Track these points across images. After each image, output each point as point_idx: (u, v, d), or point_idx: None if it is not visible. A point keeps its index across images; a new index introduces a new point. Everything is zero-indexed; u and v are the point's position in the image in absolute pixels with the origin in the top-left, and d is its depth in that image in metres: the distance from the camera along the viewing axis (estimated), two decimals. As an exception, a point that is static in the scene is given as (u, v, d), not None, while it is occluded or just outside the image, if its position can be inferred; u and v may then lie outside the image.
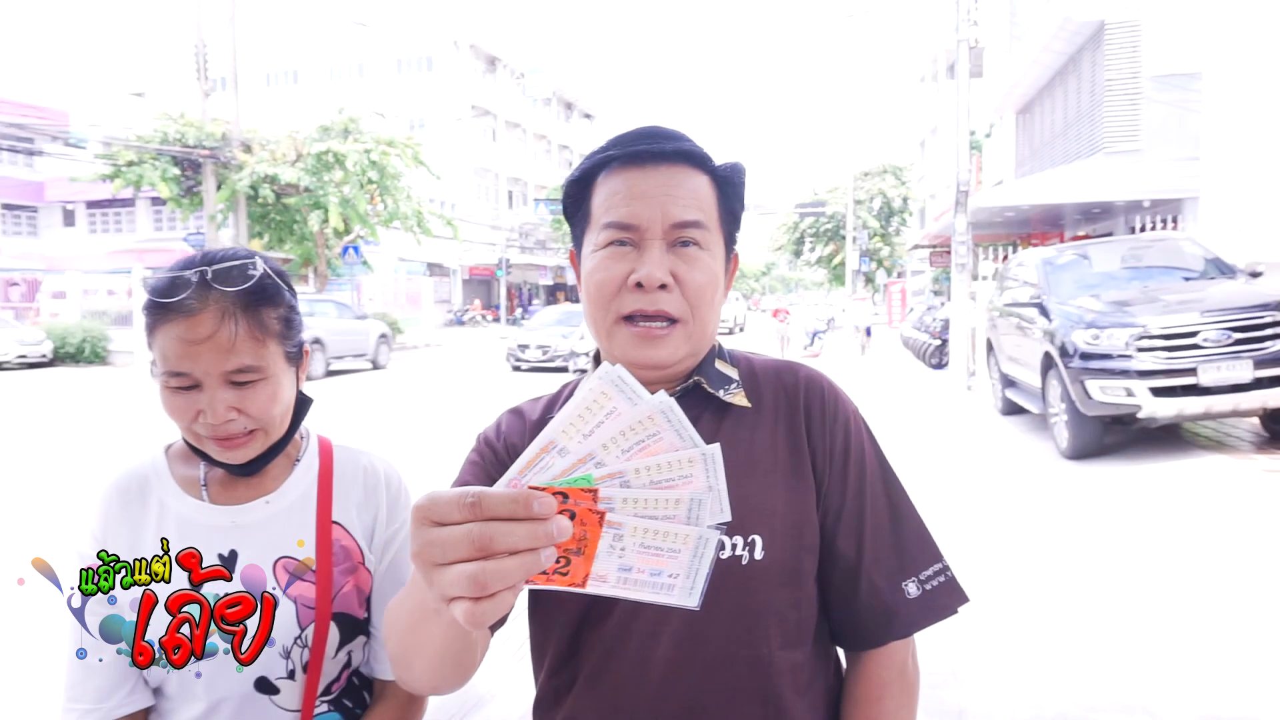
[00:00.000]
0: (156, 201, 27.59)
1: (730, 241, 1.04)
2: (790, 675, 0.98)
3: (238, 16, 20.17)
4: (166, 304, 1.05)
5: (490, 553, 0.54)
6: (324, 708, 1.17)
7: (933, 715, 2.89)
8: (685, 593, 0.61)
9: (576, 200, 1.03)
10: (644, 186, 0.96)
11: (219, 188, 19.73)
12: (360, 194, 20.60)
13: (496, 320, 37.54)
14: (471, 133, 40.96)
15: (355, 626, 1.19)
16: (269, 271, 1.11)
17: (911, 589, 1.00)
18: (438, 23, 40.13)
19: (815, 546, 1.00)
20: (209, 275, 1.06)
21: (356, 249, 22.00)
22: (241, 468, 1.12)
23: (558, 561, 0.58)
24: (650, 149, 0.97)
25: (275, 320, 1.10)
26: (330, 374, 16.42)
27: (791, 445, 1.01)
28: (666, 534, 0.59)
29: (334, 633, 1.15)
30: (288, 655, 1.12)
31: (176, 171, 19.71)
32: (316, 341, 14.93)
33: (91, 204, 35.95)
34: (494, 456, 1.06)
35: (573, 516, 0.57)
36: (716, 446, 0.59)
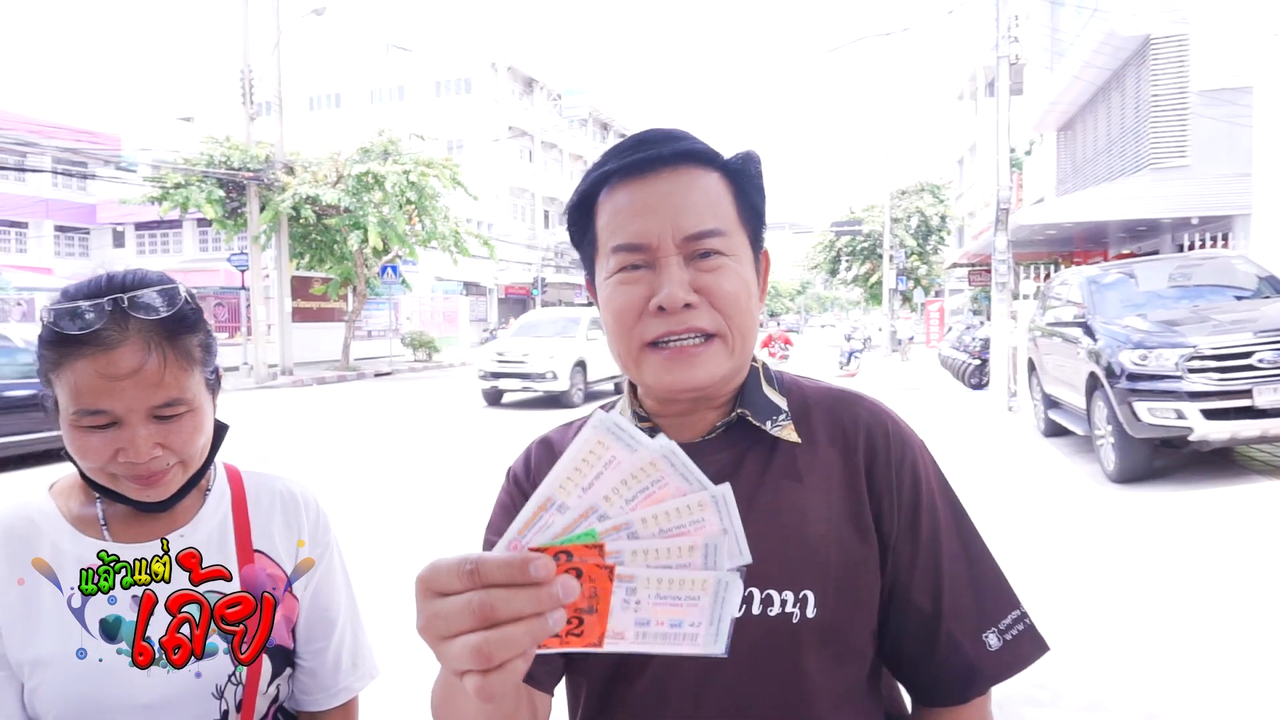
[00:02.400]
0: (202, 223, 28.28)
1: (756, 240, 0.93)
2: None
3: (282, 43, 20.68)
4: (78, 336, 0.94)
5: (493, 622, 0.50)
6: None
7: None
8: (710, 641, 0.57)
9: (580, 226, 0.94)
10: (648, 199, 0.86)
11: (262, 209, 20.12)
12: (399, 214, 20.87)
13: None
14: (508, 153, 41.45)
15: (285, 658, 1.13)
16: (188, 295, 1.03)
17: (993, 641, 0.91)
18: (476, 46, 40.82)
19: (874, 602, 0.91)
20: (125, 303, 0.96)
21: (395, 269, 22.26)
22: (156, 504, 1.04)
23: (570, 622, 0.55)
24: (648, 155, 0.87)
25: (198, 347, 1.02)
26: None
27: (849, 490, 0.91)
28: (683, 582, 0.56)
29: (267, 666, 1.09)
30: (221, 695, 1.06)
31: (221, 194, 20.13)
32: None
33: (140, 225, 36.94)
34: (522, 495, 0.99)
35: (580, 575, 0.54)
36: (726, 486, 0.54)
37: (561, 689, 1.01)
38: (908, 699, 1.02)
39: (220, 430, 1.11)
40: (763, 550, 0.80)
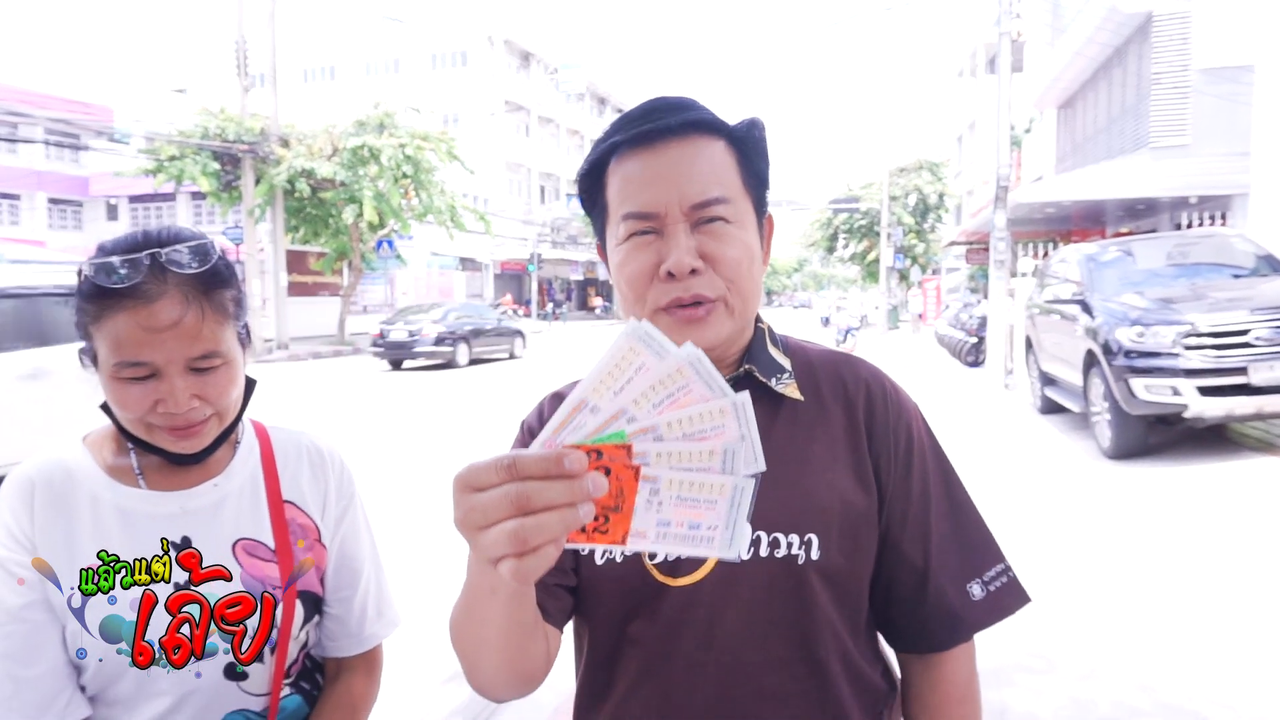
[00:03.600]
0: (196, 196, 28.05)
1: (760, 205, 0.97)
2: (847, 679, 0.95)
3: (277, 14, 20.44)
4: (119, 290, 0.97)
5: (528, 510, 0.55)
6: (286, 690, 1.15)
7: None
8: (725, 544, 0.61)
9: (591, 193, 0.98)
10: (656, 168, 0.90)
11: (257, 182, 20.00)
12: (395, 188, 20.76)
13: (528, 315, 37.72)
14: (505, 128, 41.15)
15: (315, 604, 1.17)
16: (221, 250, 1.06)
17: (976, 591, 0.98)
18: (472, 19, 40.35)
19: (871, 549, 0.97)
20: (163, 257, 0.99)
21: (390, 243, 22.18)
22: (190, 455, 1.07)
23: (597, 519, 0.58)
24: (656, 126, 0.90)
25: (231, 301, 1.06)
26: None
27: (851, 444, 0.97)
28: (703, 485, 0.59)
29: (299, 611, 1.13)
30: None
31: (216, 166, 20.00)
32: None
33: (134, 198, 36.68)
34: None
35: (608, 473, 0.58)
36: (746, 394, 0.58)
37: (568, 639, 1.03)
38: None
39: (250, 385, 1.14)
40: (770, 497, 0.85)
